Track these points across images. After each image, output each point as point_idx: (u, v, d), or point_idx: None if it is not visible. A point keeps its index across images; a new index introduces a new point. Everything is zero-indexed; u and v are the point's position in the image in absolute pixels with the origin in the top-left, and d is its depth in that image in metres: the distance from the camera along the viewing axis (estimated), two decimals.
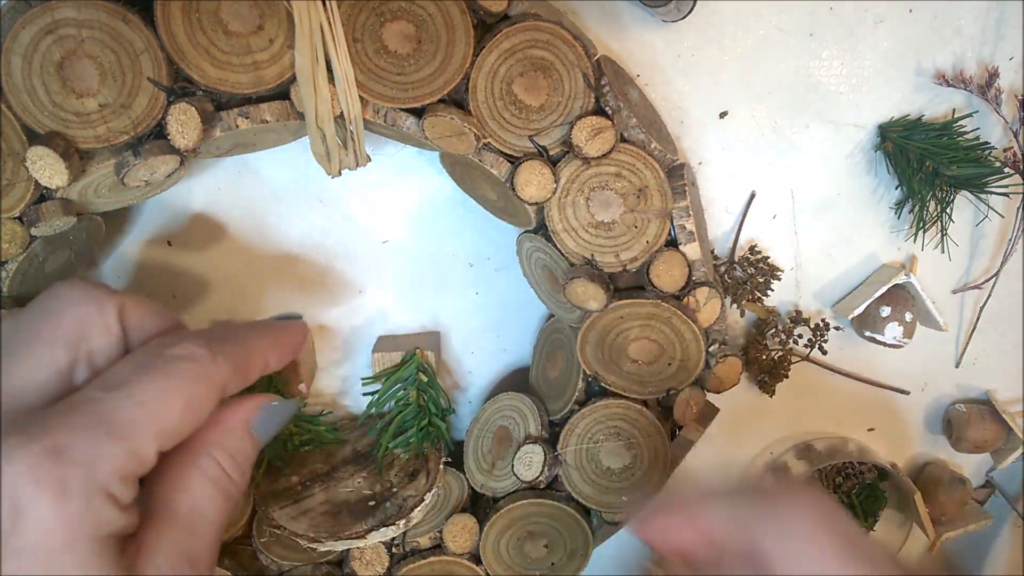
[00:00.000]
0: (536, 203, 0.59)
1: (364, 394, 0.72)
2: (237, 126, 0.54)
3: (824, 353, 0.77)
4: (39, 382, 0.35)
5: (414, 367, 0.70)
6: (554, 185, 0.58)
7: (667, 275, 0.61)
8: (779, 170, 0.72)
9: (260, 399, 0.40)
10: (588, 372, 0.65)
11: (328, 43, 0.51)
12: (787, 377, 0.77)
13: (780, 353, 0.76)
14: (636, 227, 0.60)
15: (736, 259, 0.74)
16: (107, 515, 0.32)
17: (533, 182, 0.58)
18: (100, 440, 0.32)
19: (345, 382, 0.76)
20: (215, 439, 0.36)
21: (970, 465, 0.91)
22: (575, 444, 0.66)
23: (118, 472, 0.32)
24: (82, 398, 0.34)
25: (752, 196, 0.72)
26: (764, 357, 0.76)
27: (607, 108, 0.57)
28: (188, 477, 0.36)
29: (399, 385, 0.71)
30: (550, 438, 0.68)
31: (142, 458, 0.34)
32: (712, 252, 0.74)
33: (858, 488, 0.88)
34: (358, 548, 0.68)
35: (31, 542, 0.31)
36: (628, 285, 0.63)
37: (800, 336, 0.76)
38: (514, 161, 0.58)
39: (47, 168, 0.52)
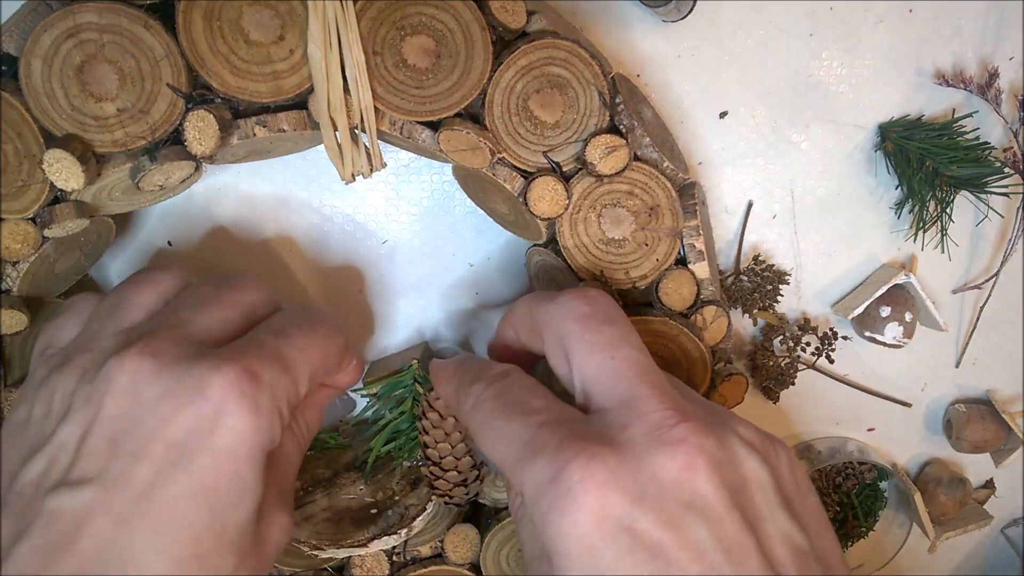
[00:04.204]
0: (548, 218, 0.59)
1: (363, 396, 0.73)
2: (254, 134, 0.54)
3: (831, 362, 0.78)
4: (221, 331, 0.43)
5: (409, 378, 0.70)
6: (566, 201, 0.58)
7: (676, 293, 0.61)
8: (779, 170, 0.72)
9: (334, 391, 0.52)
10: None
11: (343, 39, 0.52)
12: (793, 384, 0.78)
13: (787, 360, 0.77)
14: (647, 245, 0.60)
15: (742, 269, 0.74)
16: (276, 434, 0.40)
17: (546, 197, 0.58)
18: (277, 370, 0.40)
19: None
20: (302, 409, 0.46)
21: (970, 465, 0.91)
22: None
23: (287, 399, 0.40)
24: (255, 339, 0.42)
25: (750, 205, 0.73)
26: (771, 364, 0.77)
27: (621, 126, 0.58)
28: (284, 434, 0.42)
29: (396, 393, 0.71)
30: None
31: (299, 392, 0.42)
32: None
33: (858, 488, 0.88)
34: (359, 556, 0.68)
35: (223, 444, 0.37)
36: (636, 302, 0.64)
37: (808, 344, 0.77)
38: (527, 176, 0.58)
39: (64, 171, 0.52)
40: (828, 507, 0.87)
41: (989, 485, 0.93)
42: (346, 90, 0.53)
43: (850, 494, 0.88)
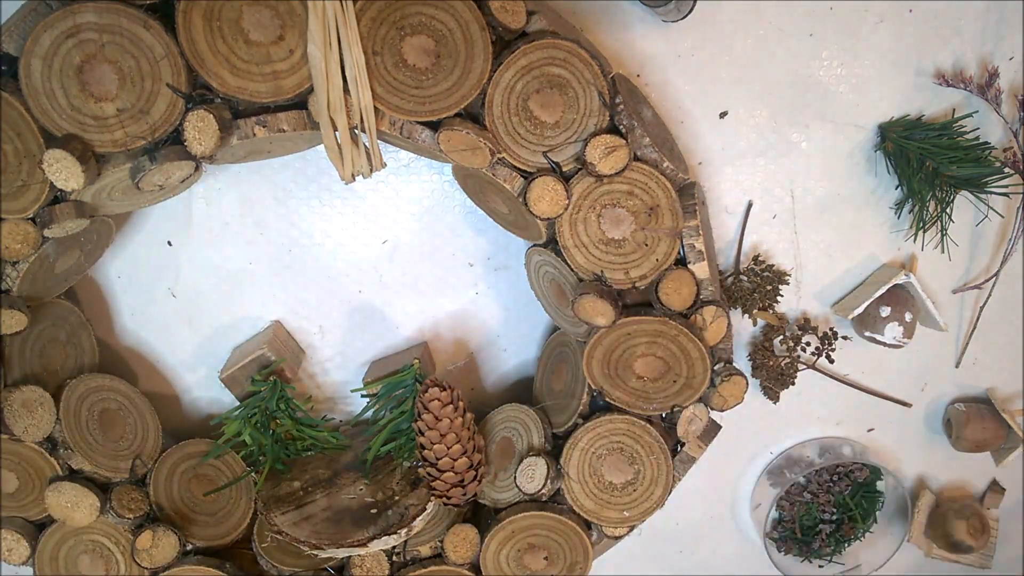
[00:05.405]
0: (548, 218, 0.59)
1: (363, 396, 0.73)
2: (254, 134, 0.54)
3: (831, 362, 0.78)
4: None
5: (410, 377, 0.70)
6: (566, 201, 0.58)
7: (675, 293, 0.61)
8: (779, 170, 0.72)
9: None
10: (593, 387, 0.65)
11: (343, 39, 0.52)
12: (793, 384, 0.78)
13: (787, 360, 0.77)
14: (646, 245, 0.60)
15: (742, 269, 0.74)
16: None
17: (546, 198, 0.58)
18: None
19: (344, 387, 0.77)
20: None
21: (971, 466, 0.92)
22: (578, 458, 0.67)
23: None
24: None
25: (750, 206, 0.73)
26: (771, 364, 0.76)
27: (621, 126, 0.57)
28: None
29: (397, 392, 0.71)
30: (553, 451, 0.68)
31: None
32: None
33: (851, 489, 0.88)
34: (359, 556, 0.68)
35: None
36: (636, 302, 0.64)
37: (808, 344, 0.77)
38: (527, 176, 0.58)
39: (63, 171, 0.52)
40: (824, 509, 0.87)
41: (995, 487, 0.93)
42: (346, 90, 0.53)
43: (844, 495, 0.88)
